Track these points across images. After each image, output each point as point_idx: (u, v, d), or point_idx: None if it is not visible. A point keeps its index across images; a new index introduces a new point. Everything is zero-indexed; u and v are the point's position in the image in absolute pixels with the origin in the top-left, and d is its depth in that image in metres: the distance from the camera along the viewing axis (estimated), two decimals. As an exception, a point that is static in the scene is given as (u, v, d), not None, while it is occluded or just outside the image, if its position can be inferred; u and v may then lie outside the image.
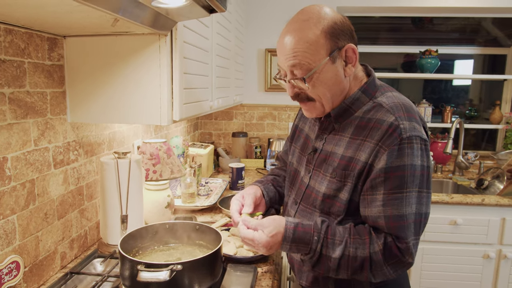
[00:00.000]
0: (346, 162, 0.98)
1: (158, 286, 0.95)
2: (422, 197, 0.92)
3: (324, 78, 0.96)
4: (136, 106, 1.19)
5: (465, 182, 2.53)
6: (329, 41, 0.93)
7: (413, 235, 0.91)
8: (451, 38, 3.53)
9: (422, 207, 0.92)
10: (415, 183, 0.91)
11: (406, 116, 0.93)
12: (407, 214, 0.90)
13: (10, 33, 0.98)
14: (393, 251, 0.92)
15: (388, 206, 0.91)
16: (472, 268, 2.21)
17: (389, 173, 0.91)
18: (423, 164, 0.92)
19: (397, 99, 0.99)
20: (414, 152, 0.90)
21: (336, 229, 0.97)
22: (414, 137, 0.90)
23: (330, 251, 0.94)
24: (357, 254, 0.93)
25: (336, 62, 0.95)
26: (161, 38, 1.14)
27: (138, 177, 1.34)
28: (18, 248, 1.04)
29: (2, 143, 0.97)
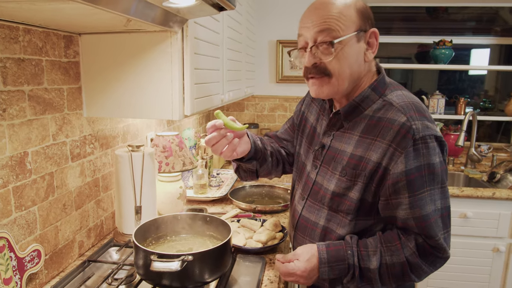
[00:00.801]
0: (356, 161, 0.98)
1: (170, 275, 1.00)
2: (445, 192, 0.95)
3: (348, 53, 0.95)
4: (149, 101, 1.23)
5: (477, 175, 2.51)
6: (359, 19, 0.95)
7: (442, 229, 0.94)
8: (467, 28, 3.47)
9: (447, 201, 0.95)
10: (437, 181, 0.92)
11: (417, 116, 0.93)
12: (432, 211, 0.92)
13: (28, 33, 1.02)
14: (427, 250, 0.94)
15: (416, 207, 0.92)
16: (482, 261, 2.22)
17: (410, 175, 0.91)
18: (441, 160, 0.93)
19: (407, 98, 0.98)
20: (431, 151, 0.91)
21: (367, 241, 0.99)
22: (428, 137, 0.91)
23: (368, 263, 0.97)
24: (394, 260, 0.95)
25: (360, 42, 0.96)
26: (172, 35, 1.17)
27: (151, 169, 1.39)
28: (39, 237, 1.10)
29: (23, 139, 1.02)
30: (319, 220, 1.07)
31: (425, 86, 3.73)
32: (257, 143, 1.16)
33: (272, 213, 1.72)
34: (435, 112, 2.99)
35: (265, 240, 1.35)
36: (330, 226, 1.05)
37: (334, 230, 1.04)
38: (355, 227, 1.01)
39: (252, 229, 1.46)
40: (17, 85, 0.99)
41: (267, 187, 2.00)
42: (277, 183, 2.19)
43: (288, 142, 1.30)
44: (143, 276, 1.06)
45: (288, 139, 1.30)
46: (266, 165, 1.21)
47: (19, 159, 1.01)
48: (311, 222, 1.09)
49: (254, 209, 1.71)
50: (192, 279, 1.02)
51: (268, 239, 1.36)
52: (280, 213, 1.73)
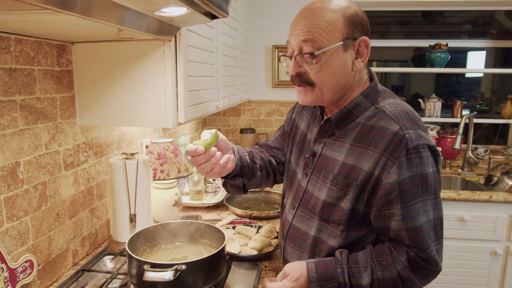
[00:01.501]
0: (348, 170, 0.96)
1: (164, 285, 0.99)
2: (437, 202, 0.93)
3: (332, 63, 0.92)
4: (143, 109, 1.23)
5: (474, 178, 2.51)
6: (346, 27, 0.91)
7: (434, 241, 0.92)
8: (462, 31, 3.48)
9: (439, 212, 0.94)
10: (429, 191, 0.91)
11: (410, 125, 0.91)
12: (424, 222, 0.91)
13: (20, 43, 1.02)
14: (419, 264, 0.92)
15: (409, 218, 0.90)
16: (479, 265, 2.21)
17: (402, 186, 0.89)
18: (434, 171, 0.91)
19: (400, 107, 0.96)
20: (424, 161, 0.89)
21: (357, 256, 0.97)
22: (421, 146, 0.89)
23: (359, 280, 0.94)
24: (385, 276, 0.93)
25: (347, 52, 0.93)
26: (165, 43, 1.17)
27: (145, 177, 1.38)
28: (31, 247, 1.09)
29: (15, 149, 1.02)
30: (309, 230, 1.04)
31: (421, 90, 3.74)
32: (244, 159, 1.13)
33: (268, 219, 1.71)
34: (431, 115, 2.99)
35: (260, 247, 1.35)
36: (321, 237, 1.02)
37: (325, 241, 1.01)
38: (346, 238, 0.99)
39: (248, 235, 1.45)
40: (8, 95, 0.99)
41: (263, 193, 2.00)
42: (274, 188, 2.18)
43: (279, 151, 1.28)
44: (137, 286, 1.05)
45: (279, 147, 1.28)
46: (255, 179, 1.19)
47: (10, 170, 1.01)
48: (301, 232, 1.06)
49: (250, 215, 1.70)
50: (186, 288, 1.02)
51: (263, 246, 1.35)
52: (277, 219, 1.72)
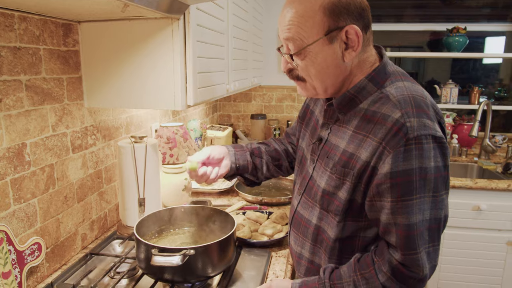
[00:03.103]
0: (347, 159, 0.90)
1: (172, 270, 0.97)
2: (439, 201, 0.83)
3: (316, 59, 0.86)
4: (150, 91, 1.19)
5: (491, 166, 2.44)
6: (327, 18, 0.83)
7: (426, 243, 0.83)
8: (482, 14, 3.35)
9: (439, 212, 0.83)
10: (428, 188, 0.81)
11: (415, 112, 0.82)
12: (417, 222, 0.82)
13: (24, 21, 0.99)
14: (404, 273, 0.84)
15: (398, 214, 0.83)
16: (495, 255, 2.16)
17: (395, 178, 0.81)
18: (438, 165, 0.81)
19: (408, 91, 0.86)
20: (425, 153, 0.79)
21: (341, 271, 0.92)
22: (423, 136, 0.79)
23: None
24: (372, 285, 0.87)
25: (334, 43, 0.85)
26: (174, 22, 1.13)
27: (154, 161, 1.36)
28: (39, 230, 1.08)
29: (21, 130, 1.00)
30: (312, 218, 1.00)
31: (437, 76, 3.63)
32: (242, 159, 1.19)
33: (279, 205, 1.68)
34: (447, 102, 2.91)
35: (271, 233, 1.32)
36: (322, 226, 0.98)
37: (326, 230, 0.97)
38: (343, 230, 0.93)
39: (258, 221, 1.43)
40: (13, 74, 0.96)
41: (274, 179, 1.96)
42: (285, 174, 2.15)
43: (295, 137, 1.26)
44: (145, 270, 1.03)
45: (295, 133, 1.26)
46: (265, 172, 1.24)
47: (17, 151, 0.99)
48: (304, 219, 1.03)
49: (261, 201, 1.67)
50: (195, 274, 0.99)
51: (274, 232, 1.33)
52: (287, 205, 1.69)
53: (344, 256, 0.95)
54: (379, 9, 3.30)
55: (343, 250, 0.95)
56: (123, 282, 1.11)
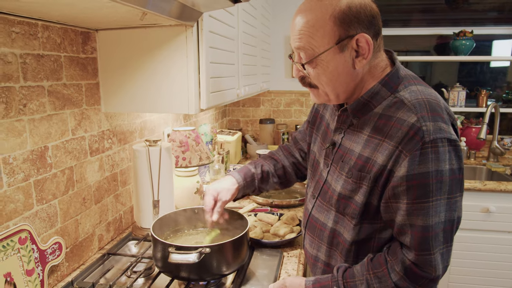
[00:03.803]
0: (363, 163, 0.91)
1: (188, 268, 1.01)
2: (453, 203, 0.84)
3: (328, 67, 0.89)
4: (165, 95, 1.24)
5: (500, 168, 2.44)
6: (338, 27, 0.85)
7: (441, 244, 0.85)
8: (488, 18, 3.37)
9: (453, 213, 0.85)
10: (444, 190, 0.83)
11: (430, 116, 0.83)
12: (433, 224, 0.83)
13: (47, 29, 1.03)
14: (416, 273, 0.86)
15: (413, 215, 0.84)
16: (505, 257, 2.16)
17: (411, 181, 0.83)
18: (453, 168, 0.82)
19: (422, 95, 0.88)
20: (441, 156, 0.81)
21: (354, 270, 0.94)
22: (439, 140, 0.81)
23: None
24: (382, 287, 0.89)
25: (345, 52, 0.87)
26: (188, 29, 1.17)
27: (168, 164, 1.40)
28: (60, 230, 1.12)
29: (43, 133, 1.04)
30: (327, 222, 1.02)
31: (444, 80, 3.64)
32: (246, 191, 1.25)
33: (289, 207, 1.71)
34: (455, 105, 2.92)
35: (283, 233, 1.35)
36: (338, 229, 0.99)
37: (342, 234, 0.99)
38: (359, 232, 0.95)
39: (269, 223, 1.45)
40: (37, 80, 1.01)
41: (283, 182, 1.99)
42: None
43: (304, 142, 1.28)
44: (162, 269, 1.06)
45: (305, 138, 1.28)
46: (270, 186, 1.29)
47: (39, 153, 1.03)
48: (320, 222, 1.05)
49: (271, 204, 1.70)
50: (210, 272, 1.02)
51: (285, 232, 1.35)
52: (297, 208, 1.72)
53: (360, 258, 0.97)
54: (386, 14, 3.34)
55: (359, 252, 0.97)
56: (140, 281, 1.14)
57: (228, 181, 1.21)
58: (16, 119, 0.95)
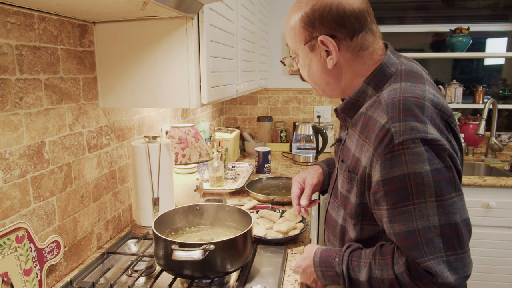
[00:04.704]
0: (354, 163, 0.91)
1: (192, 265, 0.98)
2: (448, 205, 0.77)
3: (305, 64, 0.96)
4: (165, 90, 1.21)
5: (498, 164, 2.44)
6: (303, 29, 0.91)
7: (442, 251, 0.77)
8: (483, 15, 3.38)
9: (452, 216, 0.77)
10: (429, 193, 0.77)
11: (401, 116, 0.78)
12: (420, 229, 0.77)
13: (43, 21, 1.00)
14: (420, 271, 0.79)
15: (395, 222, 0.80)
16: (505, 252, 2.16)
17: (387, 186, 0.79)
18: (436, 168, 0.77)
19: (400, 93, 0.82)
20: (416, 158, 0.76)
21: (362, 252, 0.90)
22: (410, 141, 0.76)
23: (358, 274, 0.88)
24: (384, 276, 0.83)
25: (315, 51, 0.91)
26: (188, 21, 1.14)
27: (168, 161, 1.37)
28: (58, 229, 1.09)
29: (40, 128, 1.01)
30: (338, 219, 1.02)
31: (439, 77, 3.65)
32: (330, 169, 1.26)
33: (290, 204, 1.68)
34: (452, 102, 2.92)
35: (286, 230, 1.32)
36: (346, 226, 0.99)
37: (348, 232, 0.98)
38: (361, 232, 0.94)
39: (272, 219, 1.43)
40: (33, 73, 0.97)
41: (284, 179, 1.97)
42: (294, 174, 2.16)
43: None
44: (164, 267, 1.03)
45: None
46: None
47: (36, 149, 0.99)
48: (333, 219, 1.05)
49: (272, 201, 1.67)
50: (214, 269, 1.00)
51: (288, 229, 1.33)
52: (299, 205, 1.69)
53: None
54: (381, 11, 3.33)
55: None
56: (141, 280, 1.11)
57: (312, 168, 1.26)
58: (12, 112, 0.91)
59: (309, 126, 2.47)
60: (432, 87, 0.86)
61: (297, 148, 2.49)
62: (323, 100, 2.93)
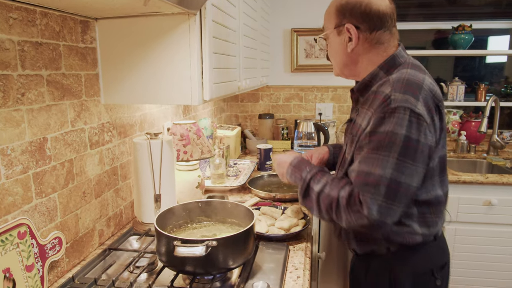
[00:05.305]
0: (358, 129, 1.08)
1: (194, 261, 0.97)
2: (403, 167, 0.94)
3: (331, 44, 1.16)
4: (167, 86, 1.20)
5: (501, 162, 2.44)
6: (336, 16, 1.10)
7: (381, 196, 0.94)
8: (485, 12, 3.36)
9: (401, 176, 0.94)
10: (394, 150, 0.94)
11: (403, 89, 0.97)
12: (376, 174, 0.95)
13: (45, 16, 1.00)
14: (356, 201, 0.97)
15: (363, 163, 0.99)
16: (507, 250, 2.15)
17: (371, 136, 0.98)
18: (410, 136, 0.94)
19: (406, 75, 1.01)
20: (398, 121, 0.94)
21: (328, 173, 1.12)
22: (402, 108, 0.94)
23: (314, 185, 1.09)
24: (330, 194, 1.04)
25: (341, 36, 1.11)
26: (191, 17, 1.14)
27: (170, 157, 1.36)
28: (59, 225, 1.09)
29: (42, 124, 1.00)
30: None
31: (440, 75, 3.64)
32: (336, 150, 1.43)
33: (292, 201, 1.68)
34: (454, 99, 2.91)
35: (288, 227, 1.32)
36: None
37: None
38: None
39: (273, 216, 1.43)
40: (35, 69, 0.97)
41: (285, 176, 1.96)
42: (295, 172, 2.16)
43: None
44: (166, 263, 1.03)
45: None
46: None
47: (38, 145, 0.99)
48: None
49: (274, 198, 1.67)
50: (216, 265, 0.99)
51: (290, 226, 1.33)
52: (300, 202, 1.69)
53: None
54: (384, 9, 3.32)
55: None
56: (143, 276, 1.11)
57: (319, 147, 1.45)
58: (14, 108, 0.91)
59: (311, 123, 2.47)
60: (430, 78, 1.05)
61: (298, 146, 2.49)
62: (324, 98, 2.92)
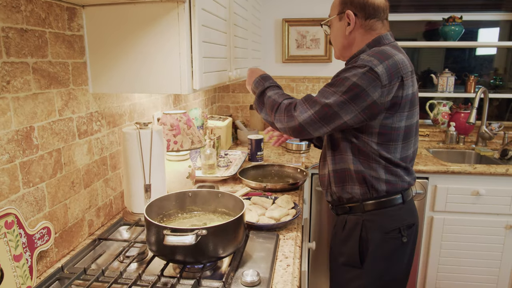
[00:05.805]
0: None
1: (184, 250, 0.98)
2: (341, 102, 1.18)
3: (333, 29, 1.38)
4: (156, 75, 1.19)
5: (489, 152, 2.47)
6: (340, 5, 1.33)
7: (313, 110, 1.21)
8: (476, 4, 3.38)
9: (336, 106, 1.18)
10: (341, 90, 1.18)
11: (373, 55, 1.19)
12: (320, 98, 1.22)
13: (30, 2, 0.98)
14: (292, 107, 1.27)
15: (319, 93, 1.25)
16: (494, 239, 2.19)
17: (335, 78, 1.23)
18: (358, 84, 1.16)
19: (382, 48, 1.23)
20: (356, 72, 1.17)
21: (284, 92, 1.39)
22: (363, 64, 1.17)
23: (269, 92, 1.37)
24: (276, 99, 1.33)
25: (342, 21, 1.33)
26: (180, 5, 1.13)
27: (160, 147, 1.36)
28: (48, 215, 1.08)
29: (29, 113, 0.99)
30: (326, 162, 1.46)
31: (431, 66, 3.65)
32: None
33: (283, 191, 1.69)
34: (444, 91, 2.93)
35: (278, 216, 1.32)
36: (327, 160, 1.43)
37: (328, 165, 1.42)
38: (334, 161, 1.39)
39: (264, 206, 1.43)
40: (20, 56, 0.95)
41: (276, 167, 1.97)
42: (286, 162, 2.17)
43: None
44: (156, 252, 1.03)
45: None
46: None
47: (25, 134, 0.98)
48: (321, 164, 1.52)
49: (264, 188, 1.68)
50: (206, 254, 1.00)
51: (281, 215, 1.33)
52: (291, 191, 1.70)
53: None
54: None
55: None
56: (133, 266, 1.11)
57: None
58: (0, 96, 0.90)
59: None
60: (406, 58, 1.24)
61: (289, 136, 2.48)
62: (316, 88, 2.92)
